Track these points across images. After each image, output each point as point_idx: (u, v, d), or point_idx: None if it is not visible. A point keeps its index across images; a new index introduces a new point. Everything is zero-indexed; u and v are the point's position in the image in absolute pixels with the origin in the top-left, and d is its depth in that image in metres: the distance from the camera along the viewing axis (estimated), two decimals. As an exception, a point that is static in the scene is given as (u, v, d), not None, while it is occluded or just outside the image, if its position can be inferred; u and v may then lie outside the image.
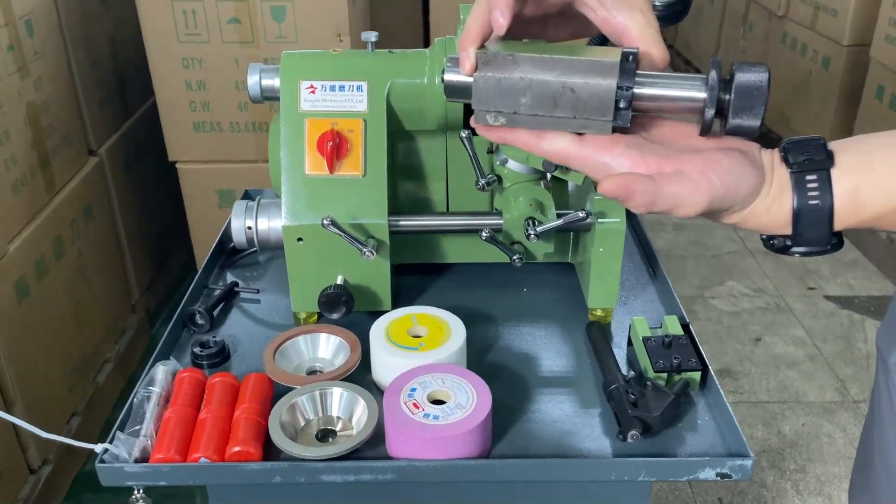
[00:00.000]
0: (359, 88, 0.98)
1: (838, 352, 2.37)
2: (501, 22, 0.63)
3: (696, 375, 0.91)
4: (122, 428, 0.84)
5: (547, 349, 1.00)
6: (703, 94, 0.62)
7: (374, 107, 0.99)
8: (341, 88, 0.99)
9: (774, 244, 0.63)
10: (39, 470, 1.75)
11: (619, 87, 0.62)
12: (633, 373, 0.91)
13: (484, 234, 0.98)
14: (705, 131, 0.62)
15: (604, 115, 0.62)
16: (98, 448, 0.81)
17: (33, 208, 1.77)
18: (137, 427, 0.83)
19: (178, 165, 2.08)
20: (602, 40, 0.74)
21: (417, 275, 1.14)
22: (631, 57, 0.63)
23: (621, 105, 0.62)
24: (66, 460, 1.85)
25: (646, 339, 0.93)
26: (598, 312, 1.05)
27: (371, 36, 1.00)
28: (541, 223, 1.00)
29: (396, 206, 1.09)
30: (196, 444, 0.81)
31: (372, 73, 0.99)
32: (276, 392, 0.89)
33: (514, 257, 1.01)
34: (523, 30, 0.74)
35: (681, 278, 2.73)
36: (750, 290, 2.67)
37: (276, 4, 1.87)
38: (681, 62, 4.83)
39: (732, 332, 2.45)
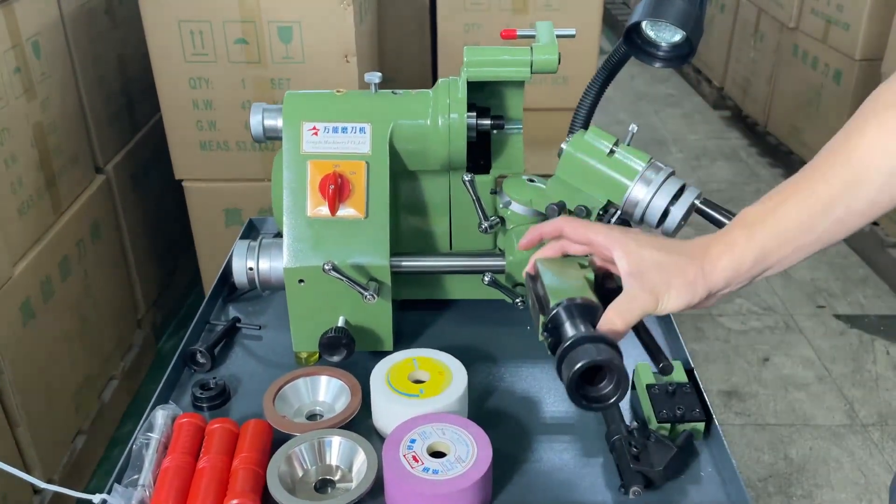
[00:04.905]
0: (361, 130, 0.98)
1: (847, 373, 2.35)
2: (523, 244, 0.87)
3: (701, 426, 0.90)
4: (120, 476, 0.84)
5: (549, 392, 0.99)
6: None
7: (376, 149, 0.98)
8: (344, 130, 0.98)
9: None
10: (44, 490, 1.75)
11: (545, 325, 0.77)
12: (635, 423, 0.90)
13: (486, 278, 0.97)
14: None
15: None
16: (96, 499, 0.81)
17: (39, 229, 1.77)
18: (136, 476, 0.83)
19: (184, 184, 2.08)
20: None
21: (420, 310, 1.13)
22: (573, 305, 0.76)
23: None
24: (71, 481, 1.85)
25: (649, 387, 0.92)
26: (602, 354, 1.03)
27: (374, 77, 1.00)
28: (544, 266, 0.99)
29: (399, 243, 1.09)
30: (194, 496, 0.80)
31: (375, 114, 0.98)
32: (276, 437, 0.89)
33: (517, 300, 1.00)
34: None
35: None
36: (759, 308, 2.65)
37: (282, 25, 1.86)
38: (690, 69, 4.80)
39: (740, 352, 2.44)
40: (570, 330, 0.73)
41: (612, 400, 0.69)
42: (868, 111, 0.73)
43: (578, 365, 0.68)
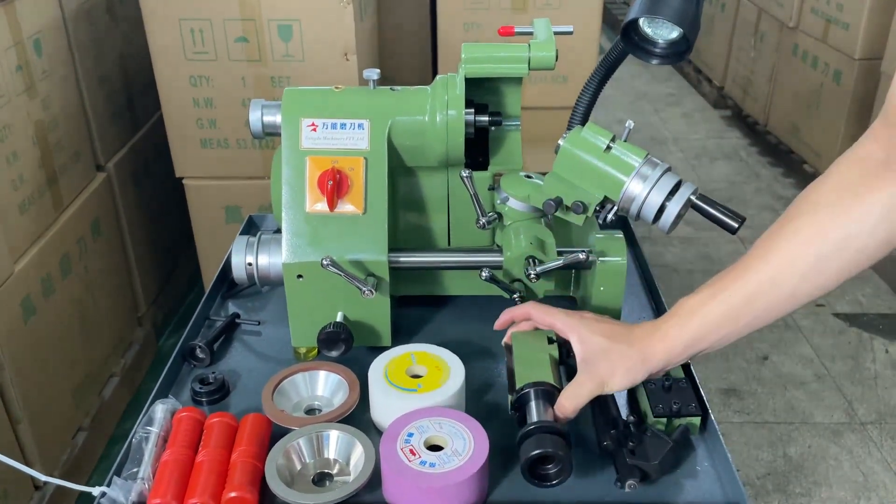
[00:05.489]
0: (360, 126, 0.98)
1: (846, 371, 2.36)
2: (497, 325, 0.98)
3: (696, 420, 0.90)
4: (119, 469, 0.84)
5: (547, 388, 1.00)
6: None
7: (375, 145, 0.99)
8: (343, 126, 0.99)
9: None
10: (44, 486, 1.76)
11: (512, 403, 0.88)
12: (632, 417, 0.90)
13: (484, 274, 0.98)
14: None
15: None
16: (96, 491, 0.81)
17: (40, 226, 1.78)
18: (135, 469, 0.83)
19: (185, 181, 2.09)
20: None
21: (418, 307, 1.14)
22: (535, 389, 0.87)
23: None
24: (71, 478, 1.86)
25: (645, 382, 0.93)
26: (599, 350, 1.04)
27: (373, 74, 1.00)
28: (541, 262, 0.99)
29: (398, 238, 1.09)
30: (193, 489, 0.81)
31: (373, 111, 0.99)
32: (275, 431, 0.89)
33: (514, 296, 1.00)
34: None
35: (688, 292, 2.72)
36: (758, 306, 2.66)
37: (283, 23, 1.87)
38: (690, 69, 4.81)
39: (739, 350, 2.44)
40: (531, 412, 0.84)
41: (556, 482, 0.81)
42: (795, 210, 0.79)
43: (531, 454, 0.79)
